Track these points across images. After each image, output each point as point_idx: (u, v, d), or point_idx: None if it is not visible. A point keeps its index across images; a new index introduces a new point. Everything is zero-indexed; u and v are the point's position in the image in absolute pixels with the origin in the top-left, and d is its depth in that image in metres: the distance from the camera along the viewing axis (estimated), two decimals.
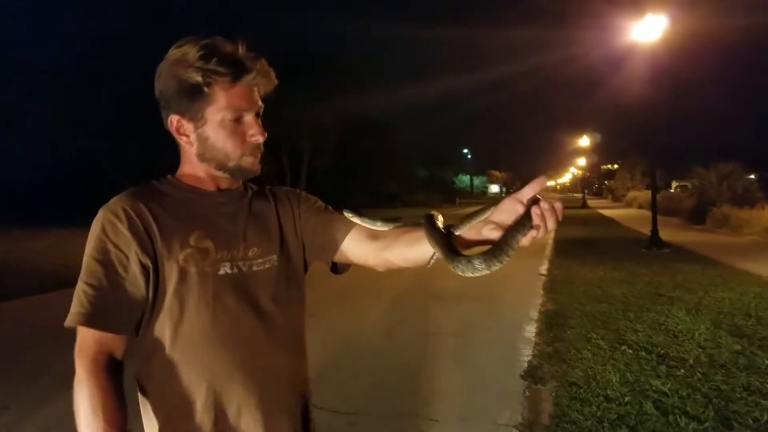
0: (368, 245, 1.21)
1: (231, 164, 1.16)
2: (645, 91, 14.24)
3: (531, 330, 5.52)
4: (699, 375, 3.99)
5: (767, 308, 6.10)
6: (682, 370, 4.09)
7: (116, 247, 1.07)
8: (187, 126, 1.15)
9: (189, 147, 1.17)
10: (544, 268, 9.58)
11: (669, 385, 3.77)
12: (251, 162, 1.17)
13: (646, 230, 13.55)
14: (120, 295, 1.05)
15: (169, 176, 1.22)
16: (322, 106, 31.46)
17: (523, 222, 0.94)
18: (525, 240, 0.95)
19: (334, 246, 1.25)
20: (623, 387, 3.77)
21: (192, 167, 1.20)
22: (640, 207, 33.32)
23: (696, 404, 3.46)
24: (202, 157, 1.16)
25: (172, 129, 1.16)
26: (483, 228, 1.03)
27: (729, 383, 3.84)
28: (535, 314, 6.21)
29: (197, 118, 1.14)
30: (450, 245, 0.99)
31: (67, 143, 24.66)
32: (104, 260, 1.06)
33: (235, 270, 1.13)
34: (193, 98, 1.12)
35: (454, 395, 3.88)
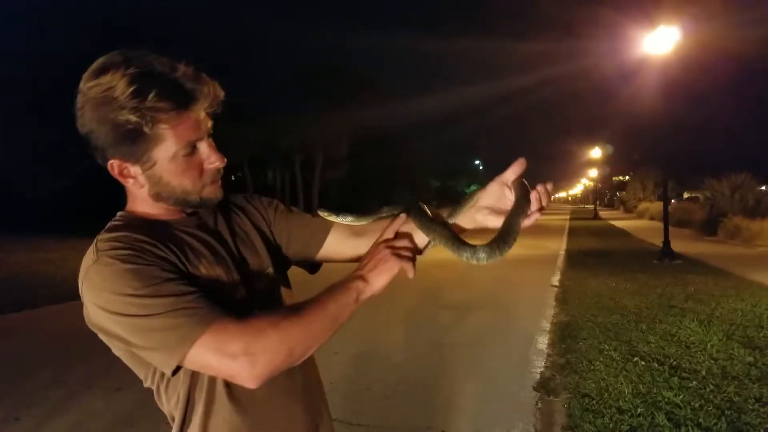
0: (353, 243, 1.19)
1: (192, 198, 1.04)
2: (657, 102, 14.24)
3: (543, 341, 5.55)
4: (711, 386, 4.00)
5: None
6: (695, 382, 4.11)
7: (163, 260, 0.95)
8: (133, 169, 1.00)
9: (138, 188, 1.03)
10: (556, 280, 9.58)
11: (681, 396, 3.79)
12: (213, 190, 1.06)
13: (658, 242, 13.49)
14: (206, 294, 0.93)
15: (121, 214, 1.07)
16: (335, 117, 31.71)
17: (521, 206, 0.98)
18: (528, 221, 0.98)
19: (314, 250, 1.22)
20: (636, 398, 3.79)
21: (146, 206, 1.06)
22: (652, 218, 33.10)
23: (708, 416, 3.47)
24: (157, 197, 1.03)
25: (114, 173, 1.01)
26: (476, 214, 1.07)
27: (741, 395, 3.85)
28: (547, 325, 6.24)
29: (144, 161, 0.98)
30: (454, 235, 1.01)
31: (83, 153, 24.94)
32: (162, 276, 0.91)
33: (248, 290, 1.06)
34: (135, 142, 0.96)
35: (466, 407, 3.92)
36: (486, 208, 1.06)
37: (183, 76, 0.96)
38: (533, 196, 1.00)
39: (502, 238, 0.94)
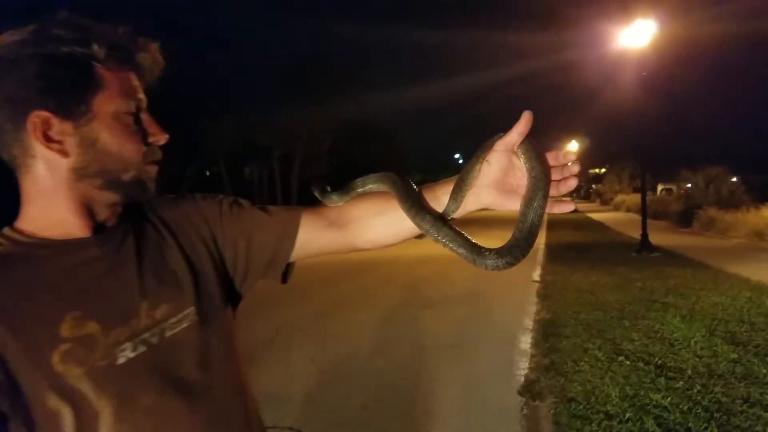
0: (332, 235, 0.99)
1: (128, 176, 0.83)
2: (634, 95, 14.29)
3: (526, 340, 5.44)
4: (698, 387, 3.92)
5: (759, 313, 6.08)
6: (681, 382, 4.03)
7: None
8: (62, 126, 0.77)
9: (58, 162, 0.79)
10: (537, 274, 9.52)
11: (669, 399, 3.70)
12: (152, 174, 0.87)
13: (636, 234, 13.57)
14: None
15: (5, 230, 0.82)
16: (314, 111, 31.44)
17: (539, 185, 0.78)
18: (560, 207, 0.81)
19: (283, 256, 0.98)
20: (623, 402, 3.69)
21: (50, 203, 0.81)
22: (628, 210, 33.51)
23: (698, 420, 3.39)
24: (82, 172, 0.80)
25: (35, 135, 0.77)
26: (481, 194, 0.87)
27: (729, 395, 3.78)
28: (529, 323, 6.14)
29: (79, 113, 0.78)
30: (467, 241, 0.83)
31: None
32: None
33: (142, 348, 0.79)
34: (72, 84, 0.77)
35: (450, 415, 3.78)
36: (490, 185, 0.86)
37: (124, 35, 0.82)
38: (553, 176, 0.80)
39: (521, 243, 0.78)
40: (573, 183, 0.82)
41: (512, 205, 0.84)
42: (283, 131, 31.14)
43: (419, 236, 0.94)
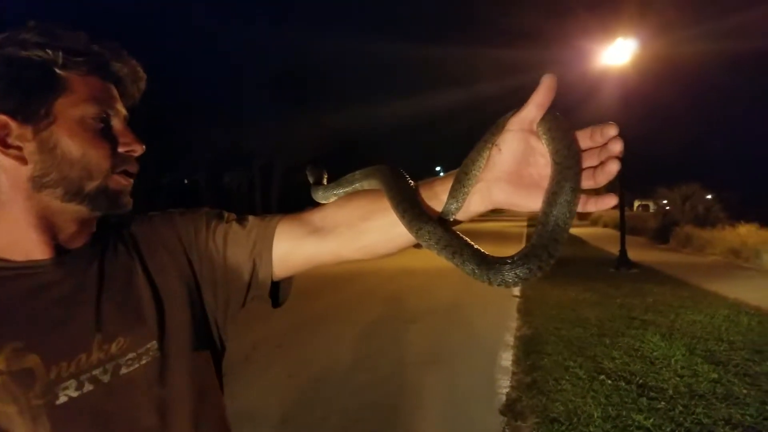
0: (314, 246, 0.85)
1: (92, 185, 0.75)
2: (615, 112, 14.48)
3: (508, 357, 5.39)
4: (680, 407, 3.90)
5: (737, 332, 6.11)
6: (663, 402, 4.01)
7: None
8: (21, 131, 0.71)
9: (16, 171, 0.72)
10: (517, 289, 9.50)
11: (652, 420, 3.67)
12: (122, 184, 0.78)
13: (614, 249, 13.67)
14: None
15: None
16: (297, 121, 31.43)
17: (567, 177, 0.59)
18: (592, 204, 0.62)
19: (262, 274, 0.86)
20: (606, 423, 3.65)
21: (7, 217, 0.73)
22: (605, 225, 33.88)
23: None
24: (41, 181, 0.72)
25: None
26: (492, 189, 0.68)
27: (710, 416, 3.76)
28: (511, 339, 6.09)
29: (39, 117, 0.72)
30: (473, 251, 0.64)
31: None
32: None
33: (89, 387, 0.70)
34: (32, 86, 0.71)
35: None
36: (502, 178, 0.67)
37: (97, 44, 0.77)
38: (587, 143, 0.61)
39: (535, 248, 0.60)
40: (614, 168, 0.61)
41: (534, 204, 0.65)
42: (265, 140, 31.06)
43: (417, 245, 0.75)
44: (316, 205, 0.93)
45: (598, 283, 9.97)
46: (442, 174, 0.77)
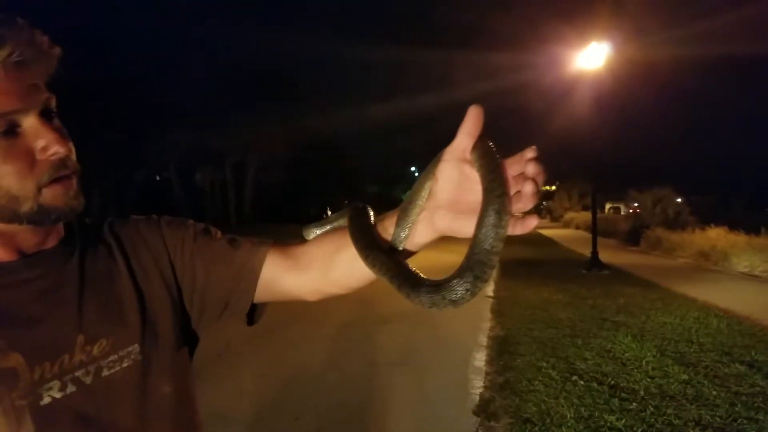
0: (294, 279, 0.85)
1: (24, 209, 0.67)
2: (588, 116, 14.66)
3: (481, 357, 5.37)
4: (651, 409, 3.91)
5: (707, 334, 6.19)
6: (635, 404, 4.01)
7: None
8: None
9: None
10: (490, 290, 9.53)
11: (623, 420, 3.67)
12: (59, 194, 0.69)
13: (585, 251, 13.84)
14: None
15: None
16: (269, 120, 31.20)
17: (493, 202, 0.60)
18: (521, 226, 0.61)
19: (244, 295, 0.86)
20: (578, 423, 3.64)
21: None
22: (578, 228, 34.40)
23: None
24: None
25: None
26: (433, 218, 0.69)
27: (681, 417, 3.77)
28: (484, 340, 6.08)
29: None
30: (402, 270, 0.67)
31: None
32: None
33: (71, 389, 0.67)
34: None
35: None
36: (442, 206, 0.68)
37: None
38: (511, 173, 0.62)
39: (462, 272, 0.60)
40: (528, 189, 0.60)
41: (471, 229, 0.64)
42: (236, 138, 30.75)
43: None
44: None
45: (570, 285, 10.06)
46: (417, 174, 0.76)
